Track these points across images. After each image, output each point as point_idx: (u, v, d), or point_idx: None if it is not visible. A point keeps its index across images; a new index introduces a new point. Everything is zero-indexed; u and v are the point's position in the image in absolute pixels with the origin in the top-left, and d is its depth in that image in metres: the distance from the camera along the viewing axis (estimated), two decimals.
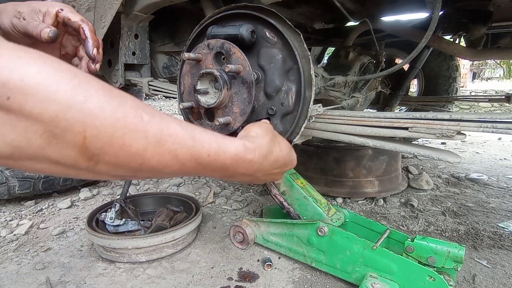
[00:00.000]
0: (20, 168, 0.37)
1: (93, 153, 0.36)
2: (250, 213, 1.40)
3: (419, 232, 1.22)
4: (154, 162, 0.42)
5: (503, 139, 3.18)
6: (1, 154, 0.33)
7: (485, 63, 14.55)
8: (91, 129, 0.35)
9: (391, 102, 2.10)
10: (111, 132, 0.36)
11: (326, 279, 0.95)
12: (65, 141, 0.34)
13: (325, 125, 0.92)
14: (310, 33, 1.79)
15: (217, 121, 0.85)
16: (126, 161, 0.39)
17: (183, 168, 0.46)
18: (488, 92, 7.21)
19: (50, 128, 0.33)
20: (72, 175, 0.40)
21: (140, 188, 1.71)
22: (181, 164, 0.45)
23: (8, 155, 0.33)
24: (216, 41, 0.83)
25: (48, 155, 0.35)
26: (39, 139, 0.33)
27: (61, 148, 0.34)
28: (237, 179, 0.59)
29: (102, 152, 0.37)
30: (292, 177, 1.05)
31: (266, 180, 0.68)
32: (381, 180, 1.53)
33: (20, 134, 0.32)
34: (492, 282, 0.93)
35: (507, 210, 1.42)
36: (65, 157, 0.35)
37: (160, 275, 0.97)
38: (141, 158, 0.40)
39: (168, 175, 0.48)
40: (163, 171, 0.44)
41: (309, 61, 0.83)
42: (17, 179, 1.40)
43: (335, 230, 0.91)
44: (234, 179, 0.60)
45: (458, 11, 1.49)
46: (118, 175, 0.42)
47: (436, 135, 0.75)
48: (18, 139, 0.32)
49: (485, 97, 3.30)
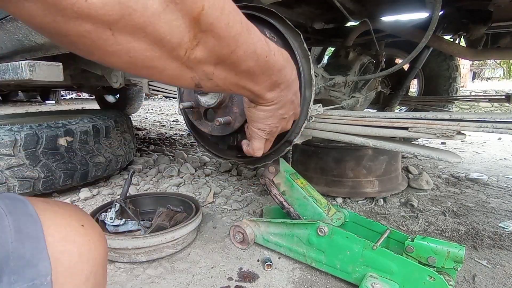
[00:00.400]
0: (110, 47, 0.30)
1: (201, 29, 0.35)
2: (250, 213, 1.40)
3: (419, 232, 1.22)
4: (241, 52, 0.42)
5: (503, 139, 3.18)
6: (107, 17, 0.27)
7: (485, 63, 14.56)
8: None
9: (391, 102, 2.10)
10: (222, 7, 0.35)
11: (326, 279, 0.95)
12: (183, 8, 0.32)
13: (325, 125, 0.92)
14: (310, 33, 1.79)
15: (217, 121, 0.85)
16: (223, 46, 0.38)
17: (255, 65, 0.46)
18: (488, 92, 7.21)
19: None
20: (159, 67, 0.36)
21: (140, 188, 1.71)
22: (256, 59, 0.46)
23: (116, 19, 0.28)
24: None
25: (158, 27, 0.31)
26: (158, 2, 0.30)
27: (175, 18, 0.32)
28: (278, 92, 0.60)
29: (210, 29, 0.35)
30: (292, 177, 1.05)
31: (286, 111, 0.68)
32: (381, 180, 1.53)
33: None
34: (492, 282, 0.93)
35: (507, 210, 1.42)
36: (173, 31, 0.33)
37: (160, 275, 0.97)
38: (235, 44, 0.40)
39: (238, 77, 0.47)
40: (239, 69, 0.45)
41: (309, 61, 0.83)
42: (17, 179, 1.40)
43: (335, 230, 0.91)
44: (274, 92, 0.61)
45: (458, 11, 1.49)
46: (203, 70, 0.41)
47: (436, 135, 0.75)
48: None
49: (485, 97, 3.29)
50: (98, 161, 1.65)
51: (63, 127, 1.52)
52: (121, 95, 4.16)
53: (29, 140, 1.41)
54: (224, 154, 1.06)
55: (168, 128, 4.00)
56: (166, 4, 0.30)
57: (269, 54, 0.48)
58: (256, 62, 0.46)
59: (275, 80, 0.56)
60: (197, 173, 1.93)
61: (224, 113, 0.88)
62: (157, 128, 4.03)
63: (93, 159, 1.62)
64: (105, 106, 4.32)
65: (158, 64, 0.35)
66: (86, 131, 1.60)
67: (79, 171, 1.57)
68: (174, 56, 0.36)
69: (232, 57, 0.41)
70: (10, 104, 7.70)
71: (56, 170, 1.48)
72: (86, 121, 1.64)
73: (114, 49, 0.31)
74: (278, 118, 0.67)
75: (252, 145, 0.72)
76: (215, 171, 1.97)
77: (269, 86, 0.56)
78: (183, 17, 0.32)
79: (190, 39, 0.35)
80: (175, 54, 0.35)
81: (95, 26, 0.28)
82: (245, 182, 1.79)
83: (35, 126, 1.46)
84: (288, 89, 0.62)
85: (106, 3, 0.26)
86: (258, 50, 0.45)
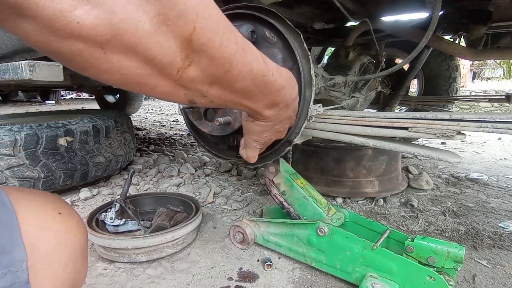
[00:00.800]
0: (102, 65, 0.31)
1: (194, 49, 0.34)
2: (250, 213, 1.40)
3: (419, 232, 1.22)
4: (236, 72, 0.41)
5: (503, 139, 3.18)
6: (99, 38, 0.28)
7: (485, 63, 14.56)
8: (201, 19, 0.33)
9: (391, 102, 2.10)
10: (215, 28, 0.35)
11: (326, 279, 0.95)
12: (174, 29, 0.31)
13: (325, 125, 0.92)
14: (310, 33, 1.79)
15: (217, 121, 0.85)
16: (216, 65, 0.38)
17: (251, 84, 0.46)
18: (488, 92, 7.22)
19: (165, 10, 0.30)
20: (151, 85, 0.36)
21: (140, 188, 1.71)
22: (252, 78, 0.45)
23: (107, 39, 0.29)
24: None
25: (149, 47, 0.31)
26: (148, 24, 0.30)
27: (166, 38, 0.32)
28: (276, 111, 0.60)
29: (203, 49, 0.35)
30: (292, 177, 1.05)
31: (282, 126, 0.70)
32: (381, 180, 1.53)
33: (131, 13, 0.28)
34: (492, 282, 0.93)
35: (507, 210, 1.42)
36: (164, 51, 0.32)
37: (160, 275, 0.97)
38: (229, 64, 0.39)
39: (233, 95, 0.47)
40: (234, 88, 0.44)
41: (309, 61, 0.83)
42: (17, 179, 1.40)
43: (335, 230, 0.91)
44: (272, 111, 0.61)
45: (458, 11, 1.49)
46: (197, 89, 0.40)
47: (436, 135, 0.75)
48: (127, 19, 0.28)
49: (485, 97, 3.29)
50: (98, 161, 1.65)
51: (63, 127, 1.52)
52: (121, 95, 4.16)
53: (29, 140, 1.41)
54: (224, 154, 1.06)
55: (168, 128, 4.00)
56: (157, 26, 0.30)
57: (267, 73, 0.48)
58: (253, 81, 0.46)
59: (273, 99, 0.55)
60: (197, 173, 1.93)
61: (224, 113, 0.88)
62: (157, 128, 4.03)
63: (93, 159, 1.62)
64: (105, 106, 4.32)
65: (150, 81, 0.36)
66: (86, 131, 1.60)
67: (79, 171, 1.57)
68: (166, 75, 0.36)
69: (227, 76, 0.41)
70: (10, 104, 7.70)
71: (56, 170, 1.48)
72: (86, 121, 1.64)
73: (106, 67, 0.31)
74: (273, 132, 0.69)
75: (246, 153, 0.77)
76: (215, 171, 1.98)
77: (267, 104, 0.56)
78: (174, 38, 0.32)
79: (183, 59, 0.35)
80: (167, 72, 0.35)
81: (87, 46, 0.29)
82: (245, 182, 1.79)
83: (35, 126, 1.46)
84: (287, 108, 0.62)
85: (97, 24, 0.27)
86: (255, 69, 0.45)
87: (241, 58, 0.41)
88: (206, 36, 0.34)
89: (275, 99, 0.56)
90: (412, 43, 1.28)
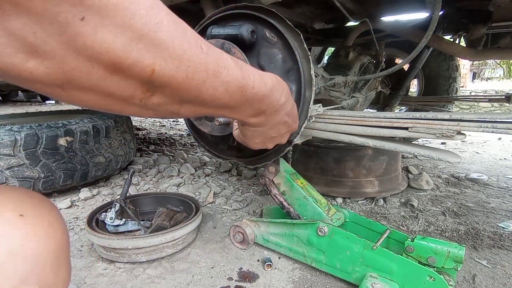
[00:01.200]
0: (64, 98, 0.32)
1: (155, 86, 0.33)
2: (250, 213, 1.40)
3: (419, 232, 1.22)
4: (208, 95, 0.40)
5: (503, 139, 3.18)
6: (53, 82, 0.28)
7: (485, 63, 14.56)
8: (160, 61, 0.31)
9: (391, 102, 2.10)
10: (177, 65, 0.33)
11: (326, 279, 0.95)
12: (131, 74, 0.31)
13: (325, 125, 0.92)
14: (310, 33, 1.79)
15: (217, 121, 0.85)
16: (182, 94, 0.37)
17: (229, 101, 0.45)
18: (488, 92, 7.22)
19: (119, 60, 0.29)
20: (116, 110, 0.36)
21: (140, 188, 1.71)
22: (229, 96, 0.44)
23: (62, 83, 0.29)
24: (216, 41, 0.83)
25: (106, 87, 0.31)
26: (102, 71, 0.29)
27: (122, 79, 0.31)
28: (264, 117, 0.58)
29: (165, 85, 0.34)
30: (292, 177, 1.05)
31: (277, 131, 0.67)
32: (381, 180, 1.53)
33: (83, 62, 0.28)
34: (492, 282, 0.93)
35: (507, 210, 1.42)
36: (122, 89, 0.32)
37: (160, 275, 0.97)
38: (198, 91, 0.38)
39: (210, 109, 0.45)
40: (209, 105, 0.43)
41: (309, 61, 0.83)
42: (17, 179, 1.40)
43: (335, 230, 0.91)
44: (259, 118, 0.59)
45: (458, 11, 1.49)
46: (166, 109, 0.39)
47: (436, 135, 0.75)
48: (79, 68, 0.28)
49: (485, 97, 3.29)
50: (98, 161, 1.65)
51: (63, 127, 1.52)
52: None
53: (29, 140, 1.41)
54: (224, 154, 1.06)
55: (168, 128, 4.00)
56: (112, 71, 0.30)
57: (246, 88, 0.46)
58: (230, 98, 0.44)
59: (257, 107, 0.54)
60: (197, 173, 1.93)
61: None
62: (157, 128, 4.03)
63: (93, 159, 1.62)
64: None
65: (116, 108, 0.35)
66: (86, 131, 1.60)
67: (79, 171, 1.57)
68: (129, 103, 0.35)
69: (198, 99, 0.40)
70: (10, 104, 7.70)
71: (56, 170, 1.48)
72: (86, 121, 1.64)
73: (69, 99, 0.32)
74: (267, 137, 0.67)
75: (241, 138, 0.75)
76: (215, 171, 1.98)
77: (251, 114, 0.55)
78: (133, 79, 0.32)
79: (144, 91, 0.34)
80: (130, 101, 0.35)
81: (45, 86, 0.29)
82: (245, 182, 1.79)
83: (35, 126, 1.46)
84: (276, 113, 0.60)
85: (49, 73, 0.27)
86: (231, 88, 0.43)
87: (212, 83, 0.39)
88: (168, 75, 0.33)
89: (260, 107, 0.54)
90: (412, 43, 1.28)
